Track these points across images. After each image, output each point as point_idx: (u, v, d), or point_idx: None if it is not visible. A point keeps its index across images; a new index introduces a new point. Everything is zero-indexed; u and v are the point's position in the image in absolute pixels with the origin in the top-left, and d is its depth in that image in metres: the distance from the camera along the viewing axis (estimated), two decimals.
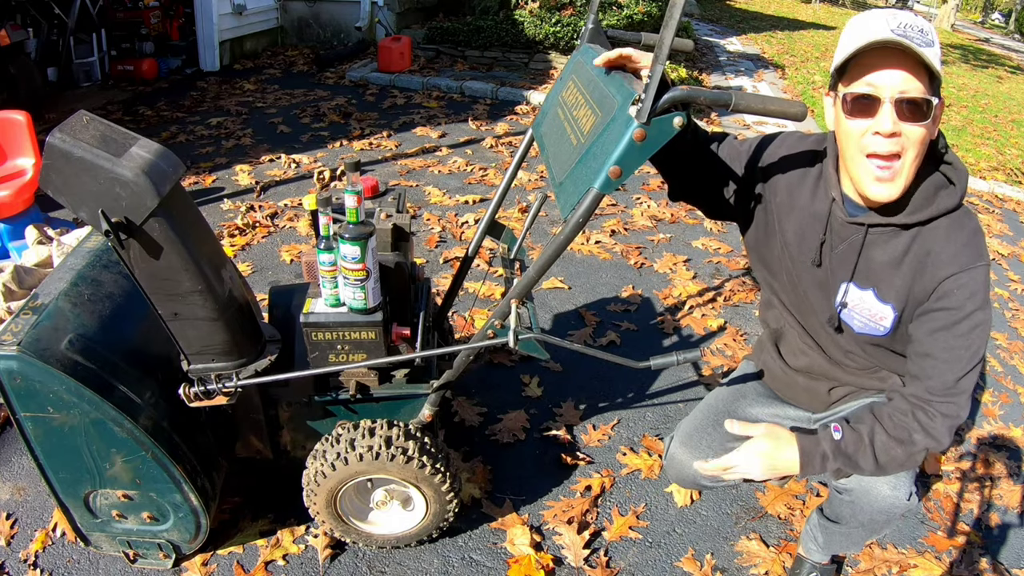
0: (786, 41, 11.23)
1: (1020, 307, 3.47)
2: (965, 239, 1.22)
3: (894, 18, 1.11)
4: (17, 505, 1.86)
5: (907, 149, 1.15)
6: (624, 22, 6.92)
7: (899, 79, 1.12)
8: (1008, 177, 5.52)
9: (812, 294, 1.43)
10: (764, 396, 1.70)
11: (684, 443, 1.62)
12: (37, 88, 4.78)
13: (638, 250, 3.54)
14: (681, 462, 1.61)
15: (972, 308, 1.20)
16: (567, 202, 1.11)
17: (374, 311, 1.43)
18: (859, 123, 1.17)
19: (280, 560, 1.73)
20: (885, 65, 1.12)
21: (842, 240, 1.33)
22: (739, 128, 5.85)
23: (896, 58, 1.11)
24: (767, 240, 1.47)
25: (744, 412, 1.66)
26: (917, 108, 1.12)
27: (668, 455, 1.66)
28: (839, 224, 1.33)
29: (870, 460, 1.28)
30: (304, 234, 3.43)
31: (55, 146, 1.13)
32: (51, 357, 1.30)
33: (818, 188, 1.37)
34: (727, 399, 1.69)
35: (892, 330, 1.34)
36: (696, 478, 1.60)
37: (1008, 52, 15.76)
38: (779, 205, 1.42)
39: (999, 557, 1.94)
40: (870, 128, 1.16)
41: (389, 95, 5.98)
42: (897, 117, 1.13)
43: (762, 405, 1.68)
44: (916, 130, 1.14)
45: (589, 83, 1.27)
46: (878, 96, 1.13)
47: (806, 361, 1.57)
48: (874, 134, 1.15)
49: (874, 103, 1.14)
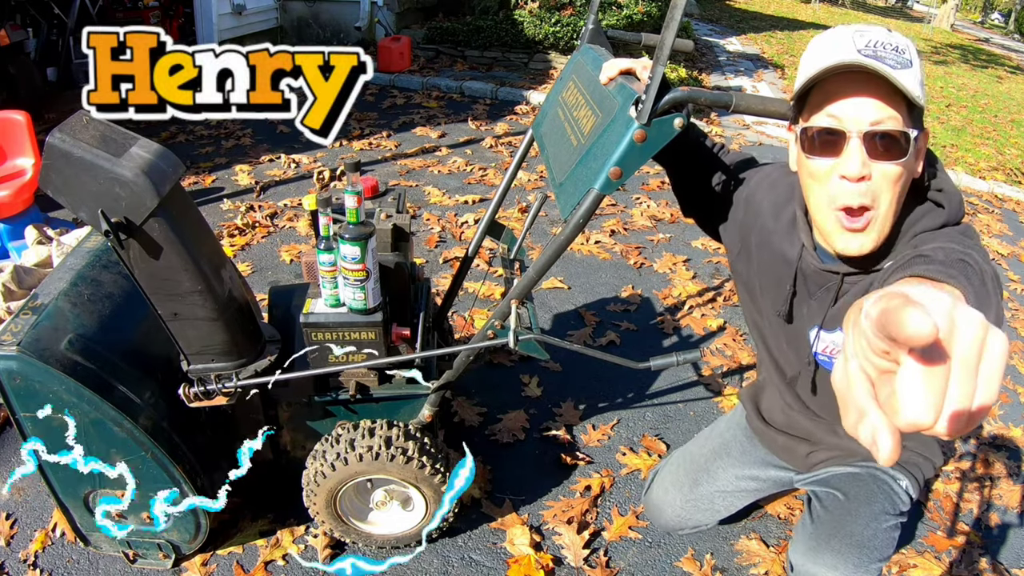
0: (786, 41, 11.23)
1: (1020, 307, 3.47)
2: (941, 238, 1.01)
3: (862, 36, 0.94)
4: (17, 505, 1.86)
5: (880, 195, 0.97)
6: (624, 22, 6.92)
7: (869, 109, 0.94)
8: (1008, 177, 5.53)
9: (787, 345, 1.33)
10: (747, 454, 1.61)
11: (663, 494, 1.73)
12: (37, 88, 4.78)
13: (638, 250, 3.54)
14: (658, 510, 1.75)
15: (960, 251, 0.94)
16: (567, 203, 1.11)
17: (374, 311, 1.43)
18: (822, 163, 0.99)
19: (280, 560, 1.73)
20: (852, 92, 0.94)
21: (818, 287, 1.18)
22: (739, 128, 5.85)
23: (865, 84, 0.93)
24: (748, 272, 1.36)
25: (723, 475, 1.64)
26: (892, 143, 0.94)
27: (647, 498, 1.79)
28: (812, 271, 1.18)
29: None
30: (304, 234, 3.43)
31: (55, 146, 1.13)
32: (51, 357, 1.30)
33: (791, 232, 1.22)
34: (709, 455, 1.67)
35: None
36: (671, 528, 1.77)
37: (1008, 52, 15.76)
38: (756, 243, 1.30)
39: (999, 557, 1.94)
40: (835, 169, 0.98)
41: (389, 95, 5.97)
42: (867, 155, 0.95)
43: (740, 466, 1.62)
44: (891, 169, 0.95)
45: (589, 83, 1.27)
46: (843, 130, 0.95)
47: (784, 419, 1.48)
48: (840, 178, 0.97)
49: (839, 139, 0.96)
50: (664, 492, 1.71)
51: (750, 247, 1.32)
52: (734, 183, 1.38)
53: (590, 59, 1.36)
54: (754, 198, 1.32)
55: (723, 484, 1.64)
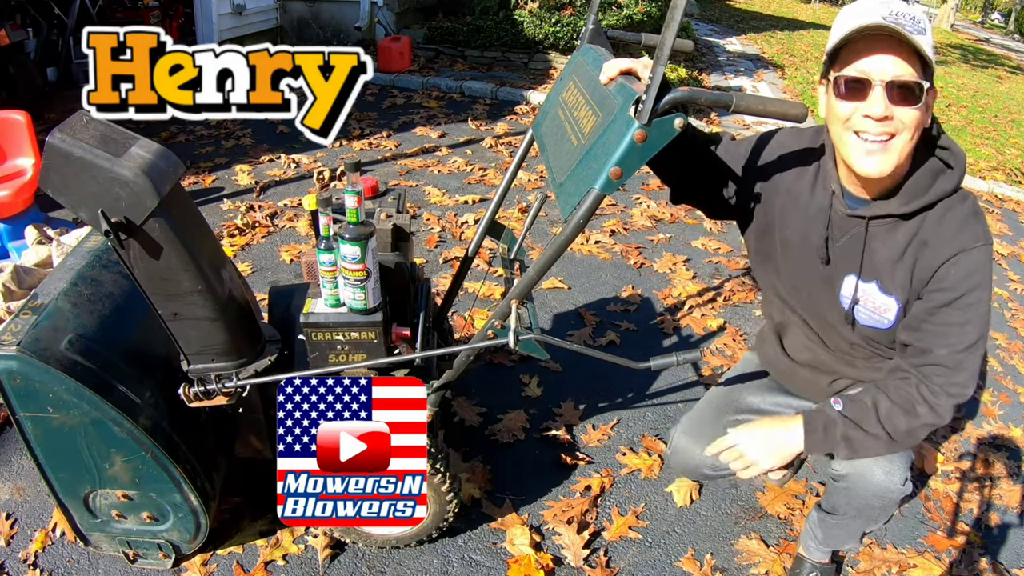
0: (786, 41, 11.24)
1: (1020, 307, 3.47)
2: (959, 224, 1.22)
3: (885, 5, 1.12)
4: (17, 505, 1.86)
5: (900, 132, 1.16)
6: (624, 22, 6.92)
7: (890, 64, 1.13)
8: (1008, 177, 5.53)
9: (818, 291, 1.43)
10: (766, 387, 1.71)
11: (687, 433, 1.64)
12: (37, 88, 4.78)
13: (638, 250, 3.54)
14: (685, 451, 1.64)
15: (968, 287, 1.21)
16: (567, 203, 1.11)
17: (374, 311, 1.42)
18: (850, 106, 1.18)
19: (280, 560, 1.73)
20: (876, 50, 1.13)
21: (844, 233, 1.33)
22: (739, 128, 5.85)
23: (887, 44, 1.12)
24: (768, 239, 1.47)
25: (746, 401, 1.67)
26: (909, 92, 1.13)
27: (672, 446, 1.68)
28: (840, 218, 1.33)
29: (875, 426, 1.28)
30: (304, 234, 3.43)
31: (55, 146, 1.13)
32: (51, 357, 1.30)
33: (817, 183, 1.37)
34: (729, 390, 1.71)
35: (895, 323, 1.34)
36: (700, 467, 1.62)
37: (1008, 52, 15.77)
38: (780, 204, 1.42)
39: (999, 557, 1.94)
40: (860, 110, 1.16)
41: (389, 95, 5.97)
42: (889, 101, 1.13)
43: (764, 394, 1.69)
44: (908, 112, 1.14)
45: (590, 84, 1.27)
46: (869, 80, 1.14)
47: (810, 356, 1.57)
48: (864, 117, 1.16)
49: (865, 87, 1.15)
50: (690, 428, 1.64)
51: (773, 211, 1.43)
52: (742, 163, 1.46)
53: (590, 59, 1.36)
54: (772, 166, 1.43)
55: (747, 405, 1.67)
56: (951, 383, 1.25)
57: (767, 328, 1.71)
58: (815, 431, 1.32)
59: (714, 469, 1.59)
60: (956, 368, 1.24)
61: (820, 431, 1.32)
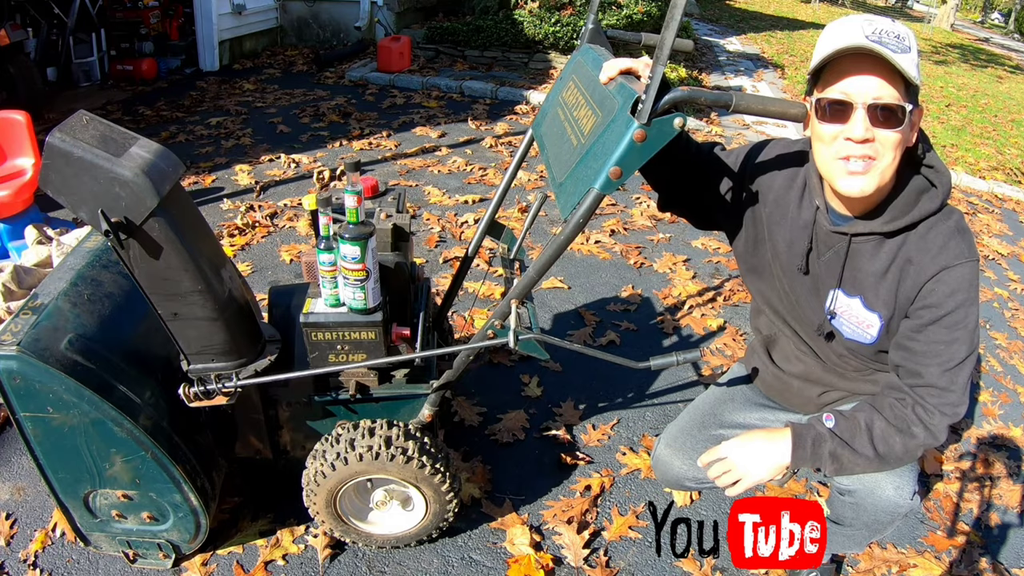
0: (786, 41, 11.24)
1: (1020, 307, 3.47)
2: (943, 241, 1.21)
3: (870, 24, 1.10)
4: (17, 505, 1.86)
5: (881, 154, 1.14)
6: (624, 22, 6.92)
7: (873, 86, 1.11)
8: (1008, 177, 5.53)
9: (804, 301, 1.43)
10: (752, 401, 1.68)
11: (669, 444, 1.64)
12: (37, 88, 4.77)
13: (638, 250, 3.54)
14: (666, 463, 1.64)
15: (954, 305, 1.20)
16: (567, 202, 1.11)
17: (374, 311, 1.43)
18: (832, 128, 1.16)
19: (280, 560, 1.73)
20: (859, 71, 1.11)
21: (828, 248, 1.33)
22: (739, 128, 5.85)
23: (871, 65, 1.10)
24: (756, 249, 1.47)
25: (729, 416, 1.66)
26: (891, 114, 1.11)
27: (654, 457, 1.69)
28: (824, 233, 1.32)
29: (867, 446, 1.27)
30: (304, 234, 3.43)
31: (55, 146, 1.13)
32: (51, 357, 1.30)
33: (804, 197, 1.36)
34: (713, 403, 1.69)
35: (878, 339, 1.33)
36: (681, 480, 1.63)
37: (1008, 52, 15.77)
38: (768, 214, 1.41)
39: (999, 557, 1.95)
40: (842, 133, 1.15)
41: (389, 95, 5.97)
42: (870, 123, 1.12)
43: (748, 410, 1.67)
44: (890, 135, 1.13)
45: (589, 83, 1.27)
46: (851, 102, 1.12)
47: (801, 367, 1.56)
48: (846, 139, 1.14)
49: (847, 109, 1.13)
50: (671, 440, 1.65)
51: (761, 222, 1.43)
52: (733, 172, 1.45)
53: (590, 59, 1.36)
54: (762, 178, 1.42)
55: (731, 420, 1.65)
56: (944, 403, 1.24)
57: (756, 342, 1.70)
58: (803, 446, 1.30)
59: (696, 482, 1.62)
60: (947, 387, 1.23)
61: (808, 446, 1.30)
